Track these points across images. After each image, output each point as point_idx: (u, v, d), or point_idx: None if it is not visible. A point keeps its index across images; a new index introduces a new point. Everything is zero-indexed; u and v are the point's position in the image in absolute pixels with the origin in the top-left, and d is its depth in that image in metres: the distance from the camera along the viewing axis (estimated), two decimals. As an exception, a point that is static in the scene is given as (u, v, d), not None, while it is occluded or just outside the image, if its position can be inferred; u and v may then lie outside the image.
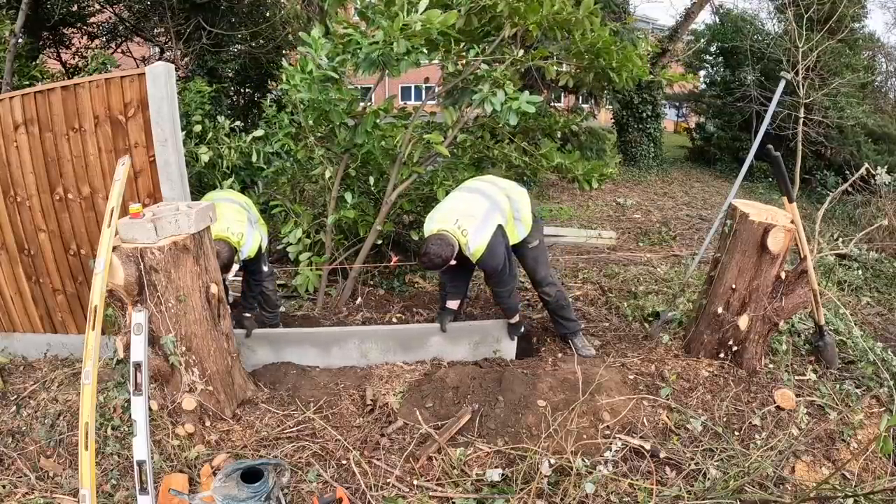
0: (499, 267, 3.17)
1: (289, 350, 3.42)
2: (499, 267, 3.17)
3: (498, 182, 3.47)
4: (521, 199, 3.39)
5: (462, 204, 3.24)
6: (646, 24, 20.55)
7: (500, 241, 3.17)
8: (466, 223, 3.09)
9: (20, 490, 2.47)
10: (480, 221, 3.12)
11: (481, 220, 3.12)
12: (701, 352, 3.27)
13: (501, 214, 3.23)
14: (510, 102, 3.33)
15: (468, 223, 3.10)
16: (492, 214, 3.17)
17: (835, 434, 2.77)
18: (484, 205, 3.21)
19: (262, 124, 4.64)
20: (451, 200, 3.32)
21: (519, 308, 3.51)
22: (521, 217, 3.37)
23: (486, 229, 3.11)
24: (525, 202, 3.40)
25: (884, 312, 4.55)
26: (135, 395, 2.27)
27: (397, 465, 2.60)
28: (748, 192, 10.24)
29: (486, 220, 3.13)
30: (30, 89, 3.10)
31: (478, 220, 3.12)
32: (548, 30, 3.67)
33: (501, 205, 3.26)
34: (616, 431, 2.71)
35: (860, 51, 11.79)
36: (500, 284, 3.31)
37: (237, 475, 2.25)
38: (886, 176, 4.31)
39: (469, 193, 3.33)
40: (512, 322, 3.50)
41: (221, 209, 3.29)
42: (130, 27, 8.02)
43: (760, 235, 2.94)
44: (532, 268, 3.56)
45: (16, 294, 3.50)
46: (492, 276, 3.30)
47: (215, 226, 3.13)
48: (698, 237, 7.08)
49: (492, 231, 3.12)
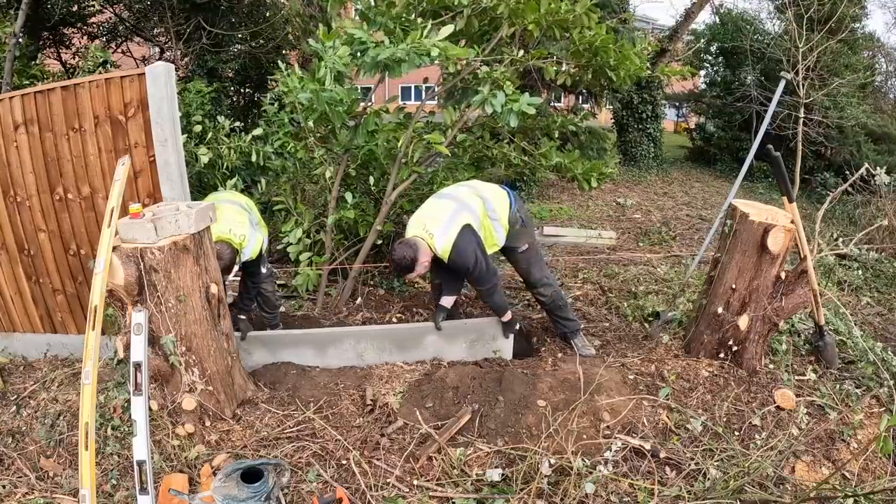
0: (469, 265, 3.20)
1: (285, 352, 3.41)
2: (469, 265, 3.20)
3: (472, 184, 3.52)
4: (495, 199, 3.41)
5: (429, 209, 3.35)
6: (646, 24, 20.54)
7: (469, 240, 3.20)
8: (432, 225, 3.20)
9: (20, 490, 2.47)
10: (446, 222, 3.19)
11: (447, 221, 3.20)
12: (701, 352, 3.27)
13: (471, 214, 3.27)
14: (510, 104, 3.33)
15: (433, 225, 3.19)
16: (458, 215, 3.23)
17: (835, 434, 2.77)
18: (451, 206, 3.29)
19: (262, 123, 4.65)
20: (422, 208, 3.42)
21: (508, 306, 3.52)
22: (497, 218, 3.39)
23: (450, 229, 3.17)
24: (503, 204, 3.42)
25: (884, 312, 4.55)
26: (135, 395, 2.27)
27: (397, 465, 2.60)
28: (748, 192, 10.24)
29: (450, 220, 3.20)
30: (30, 89, 3.10)
31: (443, 221, 3.20)
32: (546, 29, 3.67)
33: (471, 205, 3.31)
34: (616, 431, 2.71)
35: (860, 51, 11.79)
36: (478, 283, 3.34)
37: (237, 475, 2.25)
38: (886, 176, 4.32)
39: (438, 199, 3.42)
40: (504, 320, 3.50)
41: (223, 210, 3.29)
42: (130, 27, 8.03)
43: (760, 235, 2.94)
44: (525, 270, 3.59)
45: (16, 294, 3.50)
46: (467, 276, 3.34)
47: (217, 227, 3.14)
48: (698, 237, 7.08)
49: (457, 231, 3.16)
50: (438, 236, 3.15)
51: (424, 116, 4.32)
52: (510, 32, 3.65)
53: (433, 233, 3.17)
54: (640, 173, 11.69)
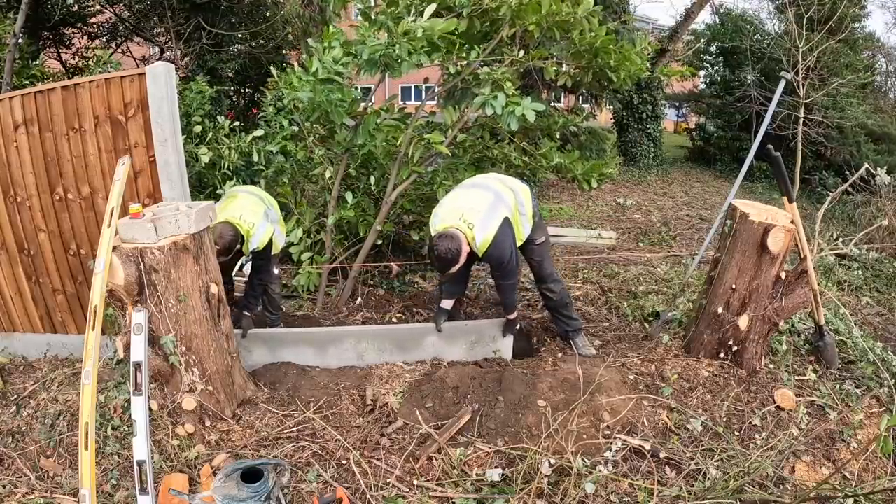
0: (504, 259, 3.16)
1: (285, 351, 3.42)
2: (504, 259, 3.16)
3: (502, 178, 3.47)
4: (524, 195, 3.38)
5: (466, 199, 3.22)
6: (646, 24, 20.55)
7: (507, 233, 3.15)
8: (472, 217, 3.08)
9: (20, 490, 2.47)
10: (486, 214, 3.10)
11: (486, 212, 3.11)
12: (701, 352, 3.26)
13: (507, 207, 3.21)
14: (511, 106, 3.33)
15: (473, 217, 3.08)
16: (497, 207, 3.16)
17: (835, 434, 2.77)
18: (489, 198, 3.20)
19: (262, 123, 4.65)
20: (455, 197, 3.30)
21: (517, 306, 3.50)
22: (525, 212, 3.35)
23: (491, 221, 3.09)
24: (528, 198, 3.39)
25: (884, 312, 4.55)
26: (135, 395, 2.27)
27: (397, 465, 2.60)
28: (748, 192, 10.24)
29: (490, 213, 3.12)
30: (30, 89, 3.10)
31: (483, 212, 3.10)
32: (547, 30, 3.68)
33: (506, 199, 3.25)
34: (616, 431, 2.71)
35: (860, 51, 11.80)
36: (505, 276, 3.30)
37: (237, 475, 2.25)
38: (886, 176, 4.32)
39: (473, 189, 3.31)
40: (510, 318, 3.49)
41: (239, 198, 3.39)
42: (130, 27, 8.03)
43: (760, 235, 2.94)
44: (538, 263, 3.55)
45: (16, 294, 3.50)
46: (497, 269, 3.29)
47: (228, 212, 3.24)
48: (698, 237, 7.08)
49: (498, 223, 3.10)
50: (479, 229, 3.05)
51: (425, 116, 4.32)
52: (511, 33, 3.65)
53: (473, 223, 3.05)
54: (640, 173, 11.69)
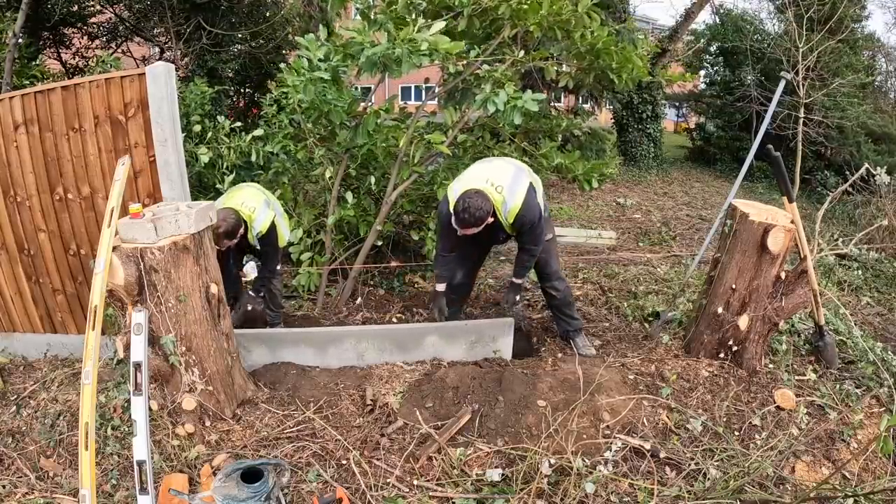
0: (535, 220, 3.16)
1: (285, 351, 3.41)
2: (535, 220, 3.16)
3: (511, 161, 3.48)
4: (538, 184, 3.39)
5: (487, 169, 3.22)
6: (646, 25, 20.56)
7: (534, 197, 3.17)
8: (499, 181, 3.09)
9: (20, 490, 2.47)
10: (512, 180, 3.12)
11: (512, 178, 3.13)
12: (701, 352, 3.27)
13: (529, 178, 3.23)
14: (513, 101, 3.33)
15: (501, 181, 3.10)
16: (520, 175, 3.19)
17: (835, 434, 2.77)
18: (510, 168, 3.23)
19: (262, 123, 4.65)
20: (474, 168, 3.30)
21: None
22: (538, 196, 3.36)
23: (518, 186, 3.11)
24: (538, 183, 3.40)
25: (884, 312, 4.55)
26: (135, 395, 2.27)
27: (397, 465, 2.60)
28: (748, 192, 10.24)
29: (516, 179, 3.14)
30: (30, 89, 3.10)
31: (509, 178, 3.12)
32: (548, 30, 3.68)
33: (526, 173, 3.28)
34: (616, 431, 2.71)
35: (860, 51, 11.80)
36: (535, 241, 3.27)
37: (237, 475, 2.25)
38: (886, 176, 4.32)
39: (492, 162, 3.34)
40: (516, 281, 3.46)
41: (242, 190, 3.57)
42: (130, 27, 8.02)
43: (760, 235, 2.94)
44: (544, 260, 3.53)
45: (16, 294, 3.50)
46: (529, 233, 3.24)
47: (230, 202, 3.41)
48: (698, 237, 7.08)
49: (525, 189, 3.12)
50: (508, 192, 3.06)
51: (425, 116, 4.32)
52: (512, 33, 3.65)
53: (502, 187, 3.05)
54: (640, 173, 11.69)
